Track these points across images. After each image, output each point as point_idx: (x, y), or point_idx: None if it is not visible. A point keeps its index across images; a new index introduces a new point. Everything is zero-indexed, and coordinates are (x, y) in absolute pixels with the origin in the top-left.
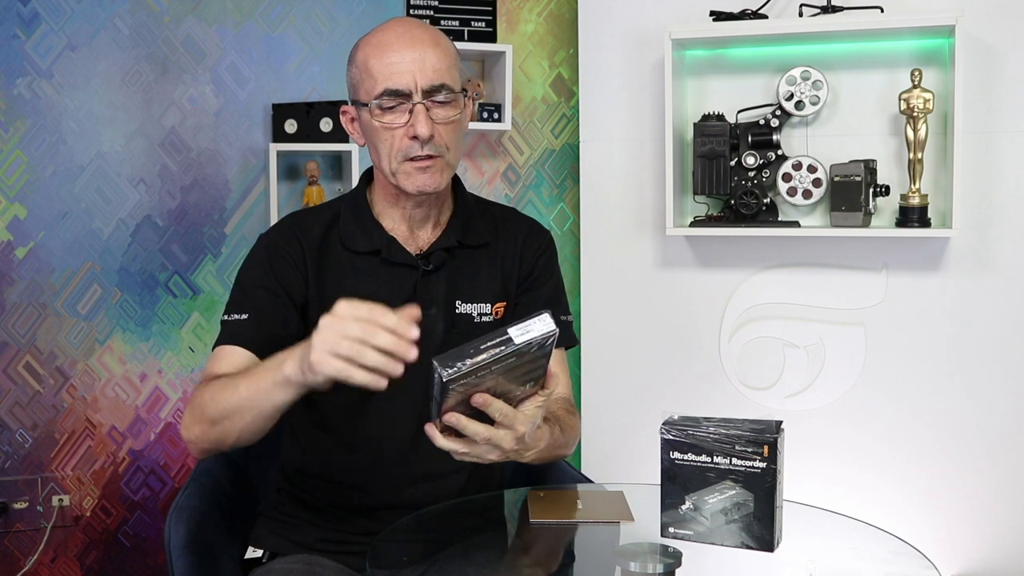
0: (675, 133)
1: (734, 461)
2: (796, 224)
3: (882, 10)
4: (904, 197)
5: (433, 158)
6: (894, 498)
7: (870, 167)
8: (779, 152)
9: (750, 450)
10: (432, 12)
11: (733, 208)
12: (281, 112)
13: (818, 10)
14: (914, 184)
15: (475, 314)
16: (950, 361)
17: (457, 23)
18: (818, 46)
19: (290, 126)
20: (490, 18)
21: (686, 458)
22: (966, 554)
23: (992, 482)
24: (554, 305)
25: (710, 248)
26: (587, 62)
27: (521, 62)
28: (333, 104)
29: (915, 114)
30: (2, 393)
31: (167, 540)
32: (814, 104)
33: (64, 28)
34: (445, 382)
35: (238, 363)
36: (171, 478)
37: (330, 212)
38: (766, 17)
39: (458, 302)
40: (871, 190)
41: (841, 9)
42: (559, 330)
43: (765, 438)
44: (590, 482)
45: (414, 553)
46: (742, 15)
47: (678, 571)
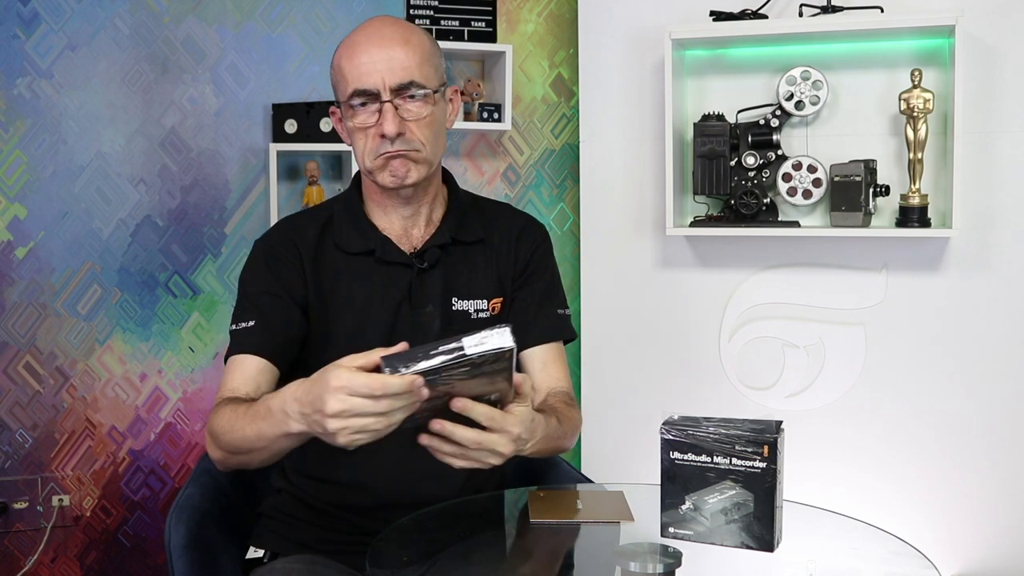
0: (675, 133)
1: (734, 461)
2: (796, 224)
3: (882, 10)
4: (904, 197)
5: (405, 153)
6: (894, 498)
7: (870, 167)
8: (779, 152)
9: (750, 450)
10: (432, 12)
11: (733, 208)
12: (281, 112)
13: (818, 10)
14: (914, 184)
15: (472, 311)
16: (950, 361)
17: (457, 23)
18: (818, 46)
19: (290, 126)
20: (490, 18)
21: (686, 458)
22: (966, 554)
23: (992, 482)
24: (550, 298)
25: (710, 248)
26: (587, 62)
27: (521, 62)
28: (333, 104)
29: (915, 114)
30: (2, 393)
31: (167, 540)
32: (814, 104)
33: (64, 28)
34: None
35: (252, 371)
36: (171, 478)
37: (324, 214)
38: (766, 17)
39: (454, 299)
40: (871, 190)
41: (841, 9)
42: (556, 324)
43: (765, 438)
44: (590, 482)
45: (414, 553)
46: (742, 15)
47: (678, 571)
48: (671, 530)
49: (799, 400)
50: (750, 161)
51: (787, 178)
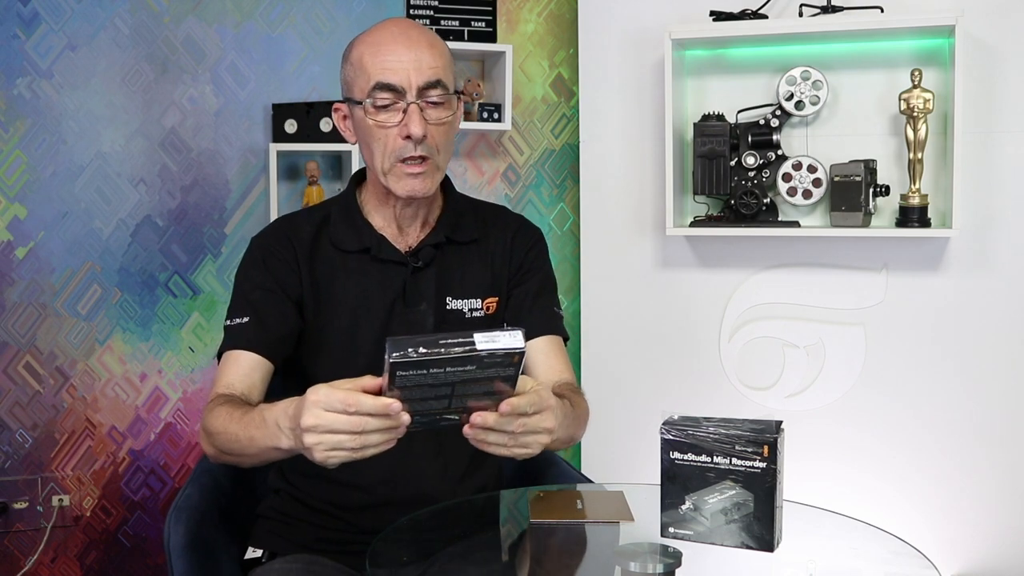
0: (675, 133)
1: (734, 461)
2: (796, 224)
3: (882, 10)
4: (904, 197)
5: (425, 160)
6: (894, 498)
7: (870, 167)
8: (779, 152)
9: (750, 450)
10: (432, 12)
11: (733, 208)
12: (281, 112)
13: (818, 10)
14: (914, 184)
15: (466, 310)
16: (950, 361)
17: (457, 23)
18: (818, 46)
19: (290, 126)
20: (490, 18)
21: (686, 458)
22: (966, 554)
23: (992, 482)
24: (542, 296)
25: (710, 248)
26: (587, 62)
27: (521, 62)
28: (333, 104)
29: (915, 114)
30: (2, 393)
31: (167, 540)
32: (814, 104)
33: (64, 28)
34: (391, 363)
35: (245, 367)
36: (171, 478)
37: (320, 213)
38: (766, 17)
39: (448, 298)
40: (871, 190)
41: (841, 9)
42: (553, 319)
43: (765, 438)
44: (590, 482)
45: (413, 553)
46: (742, 15)
47: (678, 571)
48: (671, 530)
49: (799, 400)
50: (750, 161)
51: (787, 178)
